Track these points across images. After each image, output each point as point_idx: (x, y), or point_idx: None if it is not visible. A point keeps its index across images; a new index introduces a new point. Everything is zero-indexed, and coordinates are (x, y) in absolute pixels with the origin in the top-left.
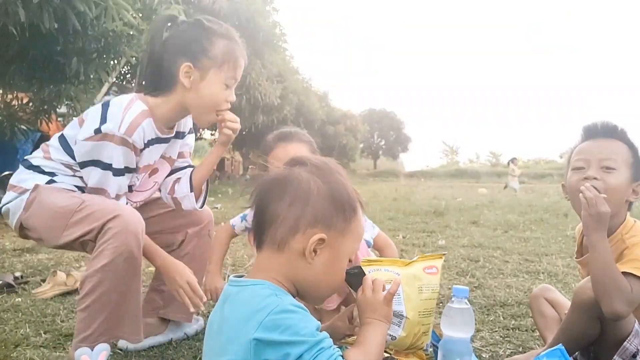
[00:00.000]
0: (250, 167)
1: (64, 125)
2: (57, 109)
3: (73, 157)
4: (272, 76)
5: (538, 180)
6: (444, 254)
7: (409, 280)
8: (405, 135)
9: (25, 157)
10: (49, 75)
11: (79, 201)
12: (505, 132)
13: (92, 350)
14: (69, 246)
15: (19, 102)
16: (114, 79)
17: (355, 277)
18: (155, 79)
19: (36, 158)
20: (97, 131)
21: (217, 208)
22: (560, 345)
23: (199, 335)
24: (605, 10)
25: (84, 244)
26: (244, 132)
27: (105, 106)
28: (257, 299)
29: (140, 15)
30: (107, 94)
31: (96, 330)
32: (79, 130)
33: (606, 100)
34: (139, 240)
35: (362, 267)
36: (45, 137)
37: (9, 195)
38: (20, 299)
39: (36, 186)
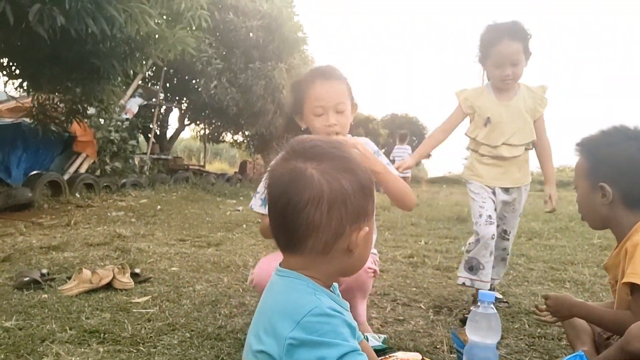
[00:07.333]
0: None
1: (91, 127)
2: (87, 110)
3: None
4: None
5: (563, 188)
6: None
7: None
8: None
9: None
10: (79, 76)
11: None
12: None
13: None
14: None
15: (51, 102)
16: (140, 81)
17: None
18: None
19: None
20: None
21: (238, 210)
22: (580, 352)
23: (220, 335)
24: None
25: None
26: (266, 135)
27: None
28: (294, 295)
29: (169, 18)
30: (132, 95)
31: None
32: None
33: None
34: None
35: None
36: (72, 138)
37: None
38: (46, 295)
39: None
